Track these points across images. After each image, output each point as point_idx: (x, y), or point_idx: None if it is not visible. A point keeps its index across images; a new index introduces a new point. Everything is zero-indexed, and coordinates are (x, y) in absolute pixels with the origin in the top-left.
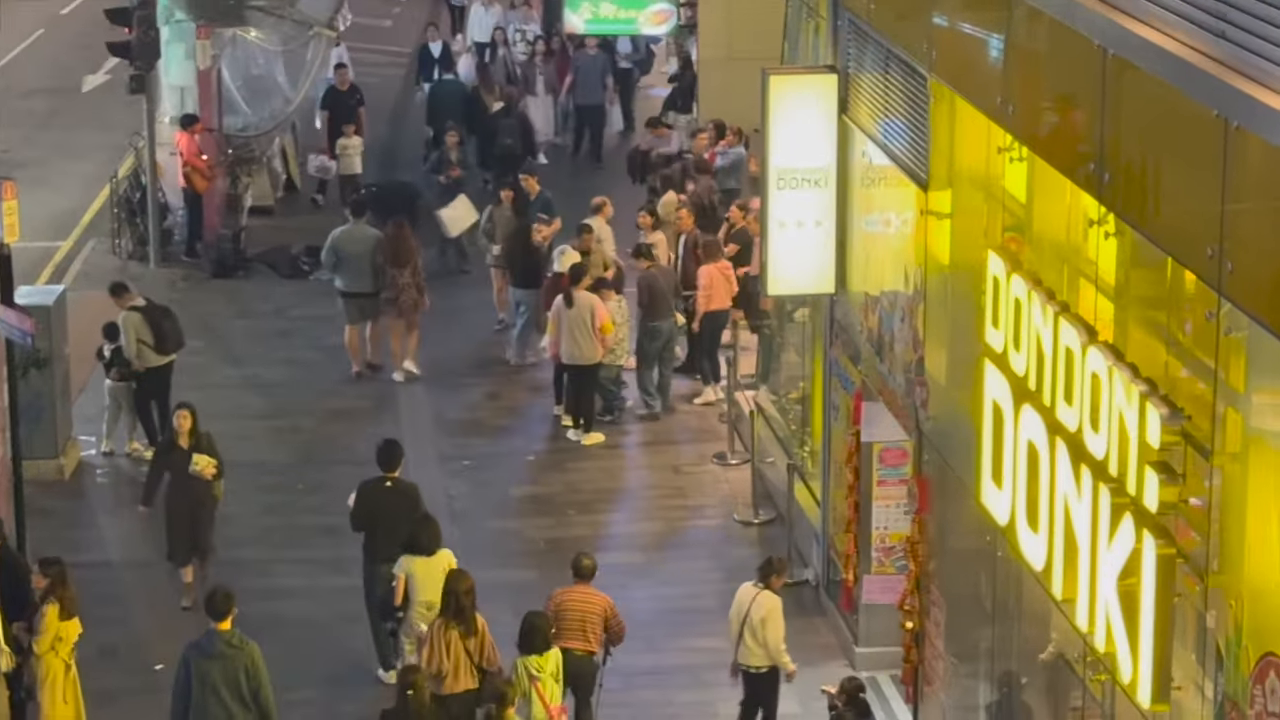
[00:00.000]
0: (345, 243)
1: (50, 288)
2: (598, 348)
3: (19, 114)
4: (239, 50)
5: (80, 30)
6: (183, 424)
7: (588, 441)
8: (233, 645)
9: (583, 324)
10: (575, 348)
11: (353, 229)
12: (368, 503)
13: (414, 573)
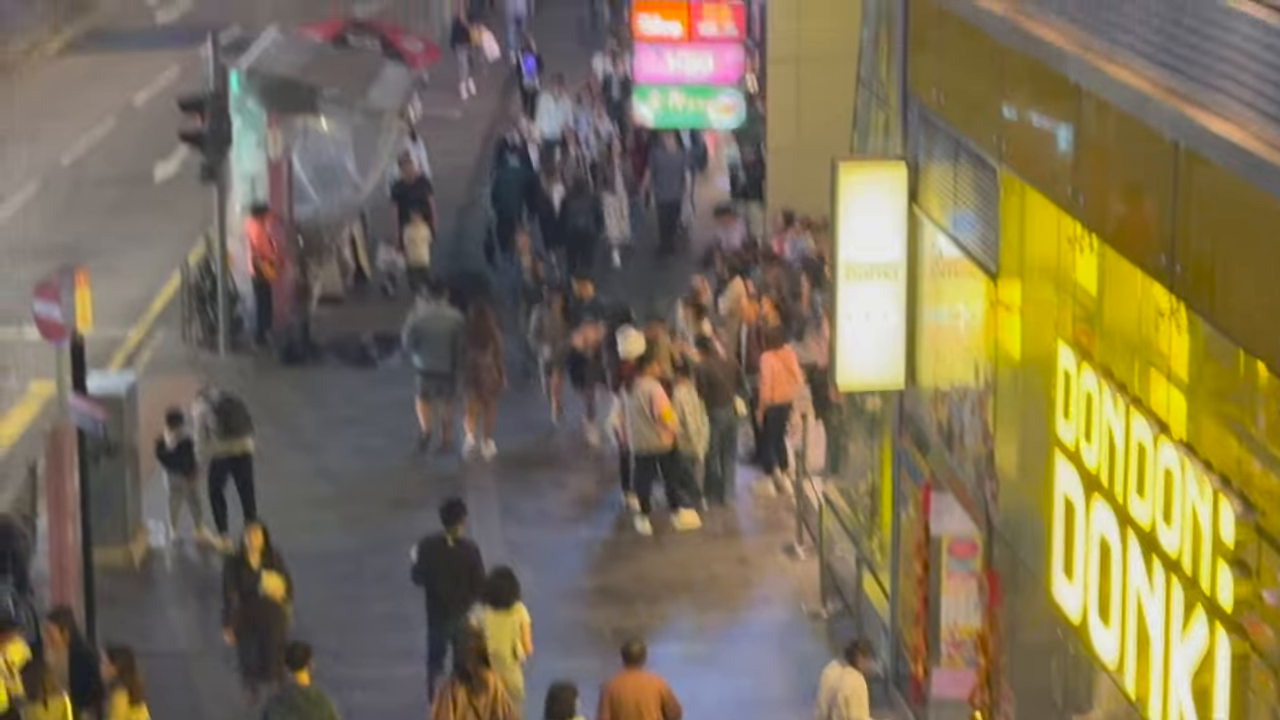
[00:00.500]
0: (426, 323)
1: (121, 376)
2: (661, 435)
3: (92, 202)
4: (310, 140)
5: (153, 119)
6: (254, 541)
7: (682, 525)
8: (309, 698)
9: (642, 412)
10: (639, 435)
11: (433, 309)
12: (428, 559)
13: (486, 623)
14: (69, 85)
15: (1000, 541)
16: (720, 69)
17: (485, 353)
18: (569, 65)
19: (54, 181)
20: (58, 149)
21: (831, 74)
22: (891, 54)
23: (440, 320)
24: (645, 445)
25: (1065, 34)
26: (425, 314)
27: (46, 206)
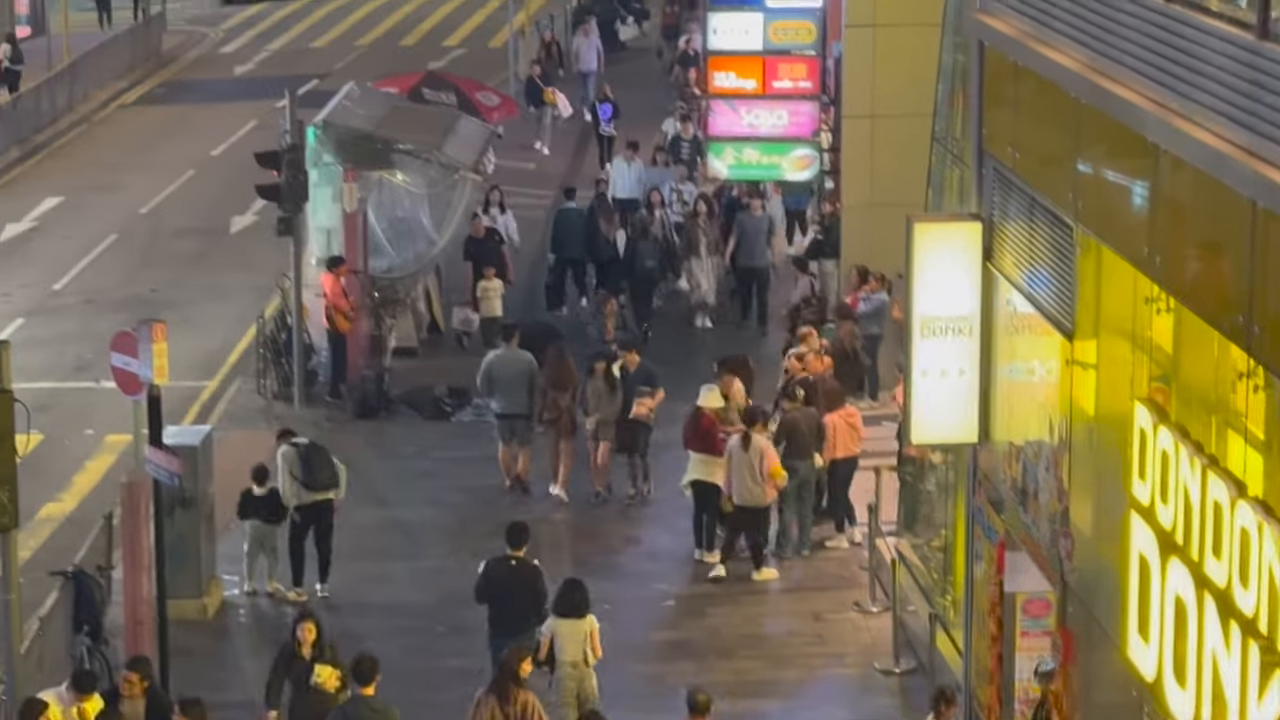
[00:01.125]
0: (500, 367)
1: (196, 428)
2: (767, 491)
3: (168, 254)
4: (385, 193)
5: (229, 173)
6: (306, 635)
7: (761, 579)
8: (375, 710)
9: (752, 468)
10: (745, 490)
11: (506, 353)
12: (493, 579)
13: (559, 633)
14: (147, 137)
15: (1075, 600)
16: (795, 123)
17: (565, 394)
18: (637, 119)
19: (131, 233)
20: (135, 200)
21: (906, 130)
22: (967, 110)
23: (513, 363)
24: (749, 499)
25: (1142, 91)
26: (498, 357)
27: (123, 258)
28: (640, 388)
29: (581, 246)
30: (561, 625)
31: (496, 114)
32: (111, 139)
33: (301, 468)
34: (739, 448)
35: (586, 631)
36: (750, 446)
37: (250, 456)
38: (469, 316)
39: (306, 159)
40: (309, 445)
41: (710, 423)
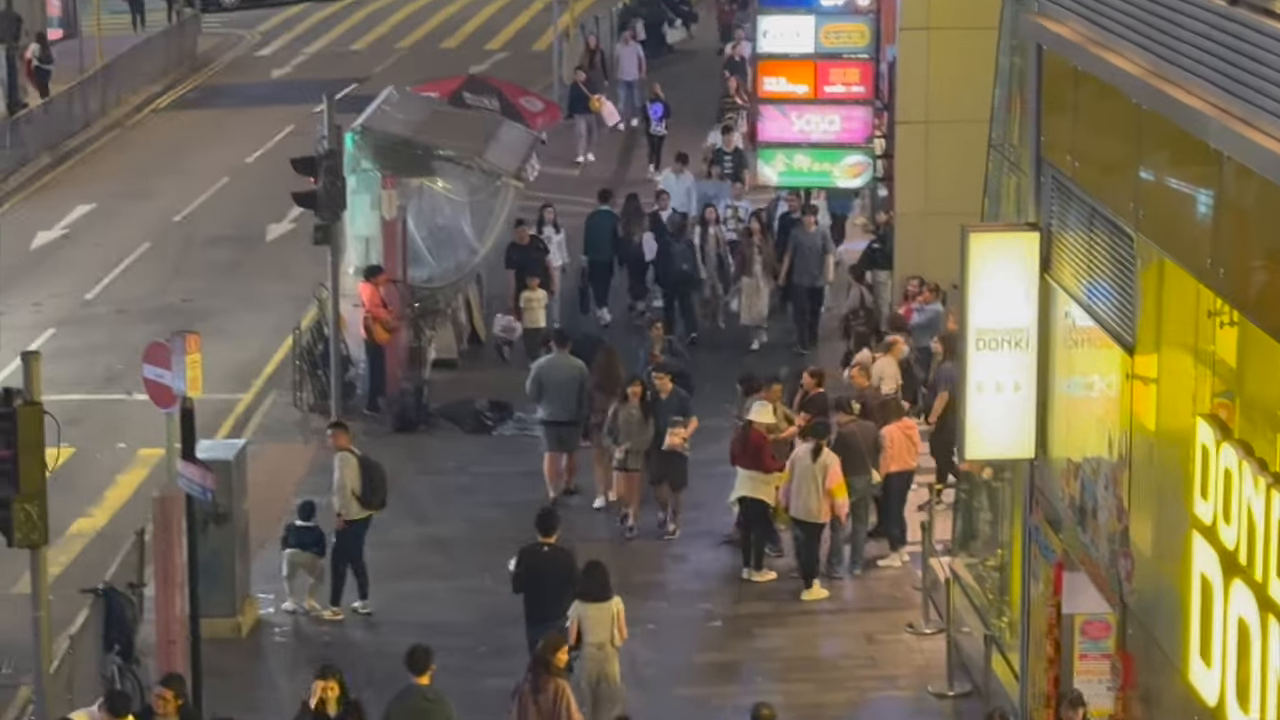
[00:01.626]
0: (549, 372)
1: (231, 442)
2: (824, 507)
3: (202, 263)
4: (425, 201)
5: (265, 179)
6: (329, 694)
7: (808, 597)
8: (429, 699)
9: (814, 480)
10: (805, 503)
11: (556, 358)
12: (526, 565)
13: (587, 617)
14: (180, 143)
15: (1134, 622)
16: (847, 129)
17: (613, 398)
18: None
19: (164, 241)
20: (168, 208)
21: (962, 136)
22: (1024, 117)
23: (564, 368)
24: (807, 514)
25: (1206, 96)
26: (548, 362)
27: (156, 267)
28: (673, 417)
29: (610, 250)
30: (589, 609)
31: (540, 120)
32: (144, 144)
33: (362, 483)
34: (807, 458)
35: (613, 613)
36: (819, 459)
37: (286, 471)
38: (511, 324)
39: (344, 165)
40: (368, 460)
41: (760, 438)
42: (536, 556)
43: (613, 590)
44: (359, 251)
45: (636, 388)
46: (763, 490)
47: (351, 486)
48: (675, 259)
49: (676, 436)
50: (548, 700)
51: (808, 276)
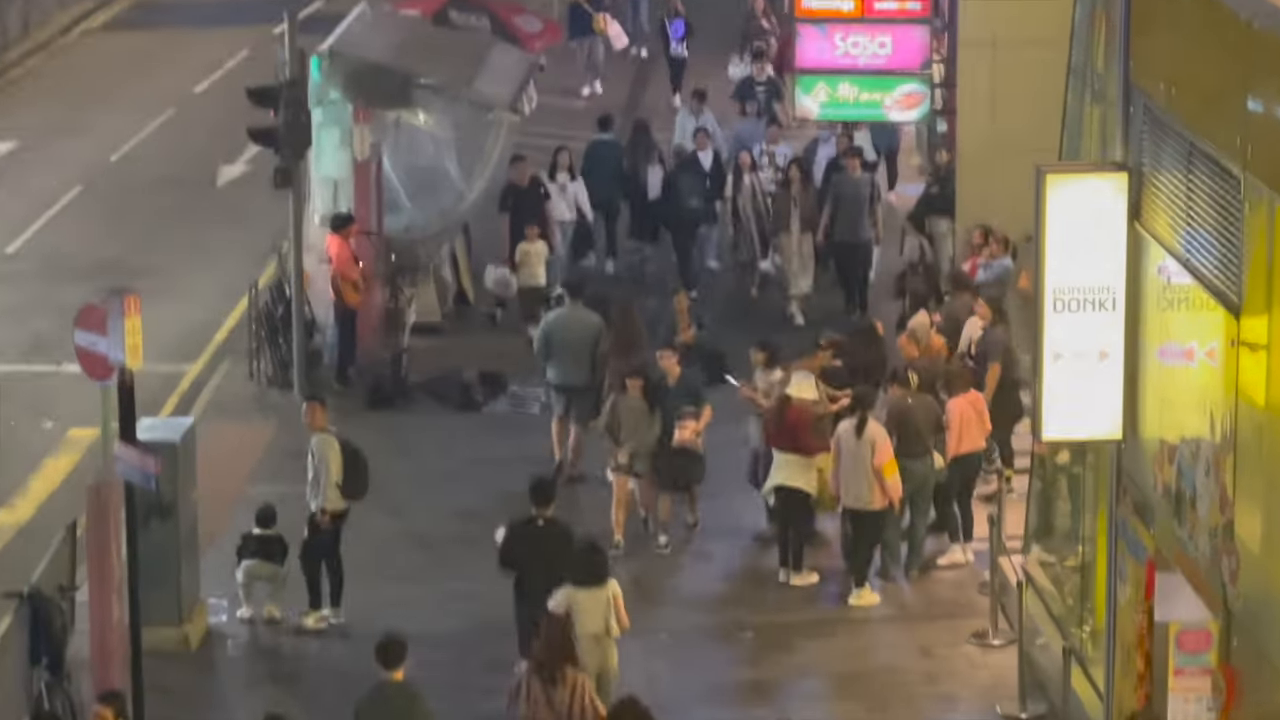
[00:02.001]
0: (560, 328)
1: (176, 420)
2: (876, 492)
3: (142, 211)
4: (404, 137)
5: (216, 112)
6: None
7: (857, 602)
8: (405, 696)
9: (863, 460)
10: (854, 489)
11: (569, 313)
12: (517, 541)
13: (577, 604)
14: (117, 69)
15: (1240, 631)
16: (900, 53)
17: (633, 360)
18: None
19: (99, 185)
20: (103, 146)
21: (1036, 61)
22: (1110, 38)
23: (577, 325)
24: (858, 501)
25: None
26: (558, 317)
27: (90, 215)
28: (684, 408)
29: (615, 186)
30: (580, 595)
31: (538, 42)
32: (73, 71)
33: (345, 469)
34: (850, 435)
35: (608, 599)
36: (866, 433)
37: (241, 454)
38: (505, 278)
39: (309, 96)
40: (348, 443)
41: (800, 416)
42: (527, 532)
43: (609, 572)
44: (326, 197)
45: (636, 380)
46: (802, 477)
47: (334, 475)
48: (683, 194)
49: (687, 430)
50: (564, 696)
51: (850, 231)
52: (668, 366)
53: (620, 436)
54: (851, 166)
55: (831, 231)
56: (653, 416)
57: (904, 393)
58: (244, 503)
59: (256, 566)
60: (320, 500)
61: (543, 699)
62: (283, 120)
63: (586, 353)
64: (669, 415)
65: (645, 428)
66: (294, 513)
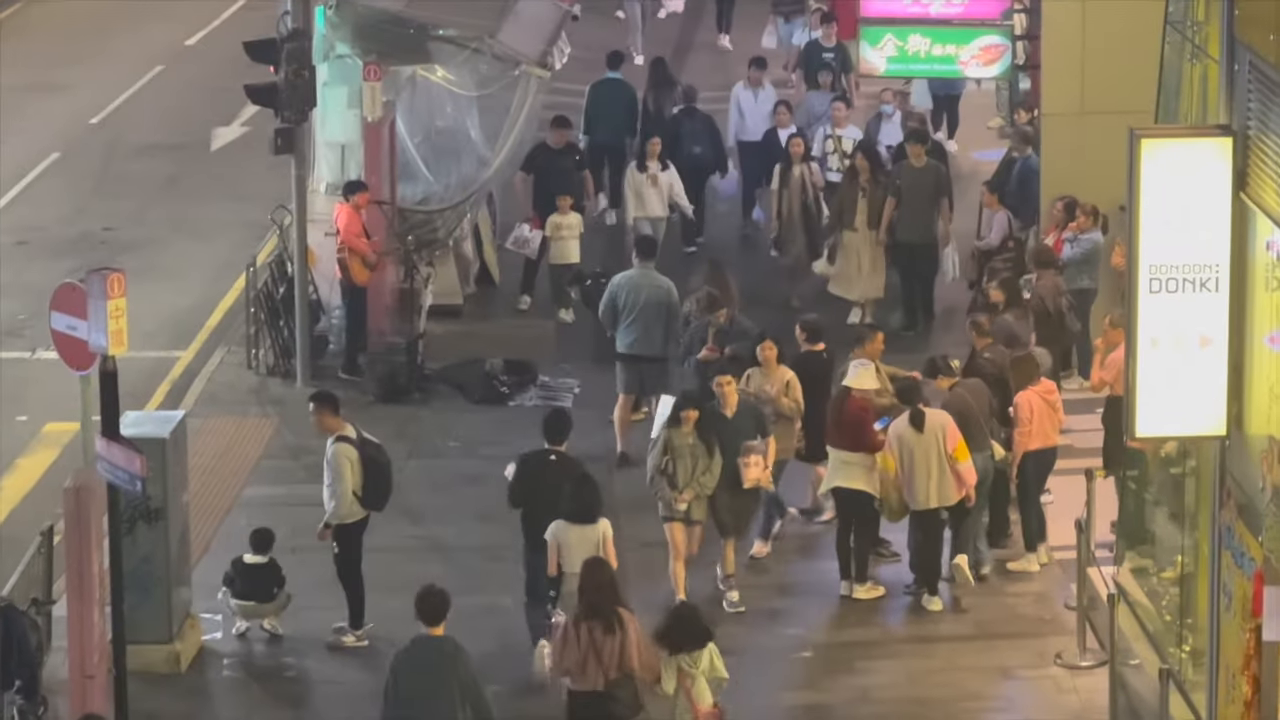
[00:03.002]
0: (630, 291)
1: (166, 414)
2: (954, 485)
3: (129, 179)
4: (420, 96)
5: (210, 68)
6: None
7: (932, 606)
8: (445, 654)
9: (936, 452)
10: (931, 485)
11: (639, 275)
12: (528, 477)
13: (566, 541)
14: (99, 20)
15: None
16: (978, 2)
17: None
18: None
19: (78, 151)
20: (83, 107)
21: (1131, 10)
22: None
23: (649, 287)
24: (941, 497)
25: None
26: (628, 279)
27: (69, 184)
28: (747, 444)
29: (622, 130)
30: (569, 532)
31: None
32: (50, 23)
33: (365, 476)
34: (909, 433)
35: (599, 539)
36: (927, 425)
37: (238, 451)
38: (525, 235)
39: (314, 51)
40: (368, 443)
41: (861, 409)
42: (540, 467)
43: (603, 510)
44: (332, 164)
45: (692, 411)
46: (865, 478)
47: (351, 484)
48: (684, 139)
49: (755, 467)
50: (616, 644)
51: (913, 230)
52: (725, 394)
53: (678, 480)
54: (915, 154)
55: (892, 229)
56: (711, 457)
57: (950, 382)
58: (242, 507)
59: (246, 608)
60: (335, 508)
61: (590, 648)
62: (284, 77)
63: (660, 319)
64: (729, 450)
65: (705, 468)
66: (297, 517)
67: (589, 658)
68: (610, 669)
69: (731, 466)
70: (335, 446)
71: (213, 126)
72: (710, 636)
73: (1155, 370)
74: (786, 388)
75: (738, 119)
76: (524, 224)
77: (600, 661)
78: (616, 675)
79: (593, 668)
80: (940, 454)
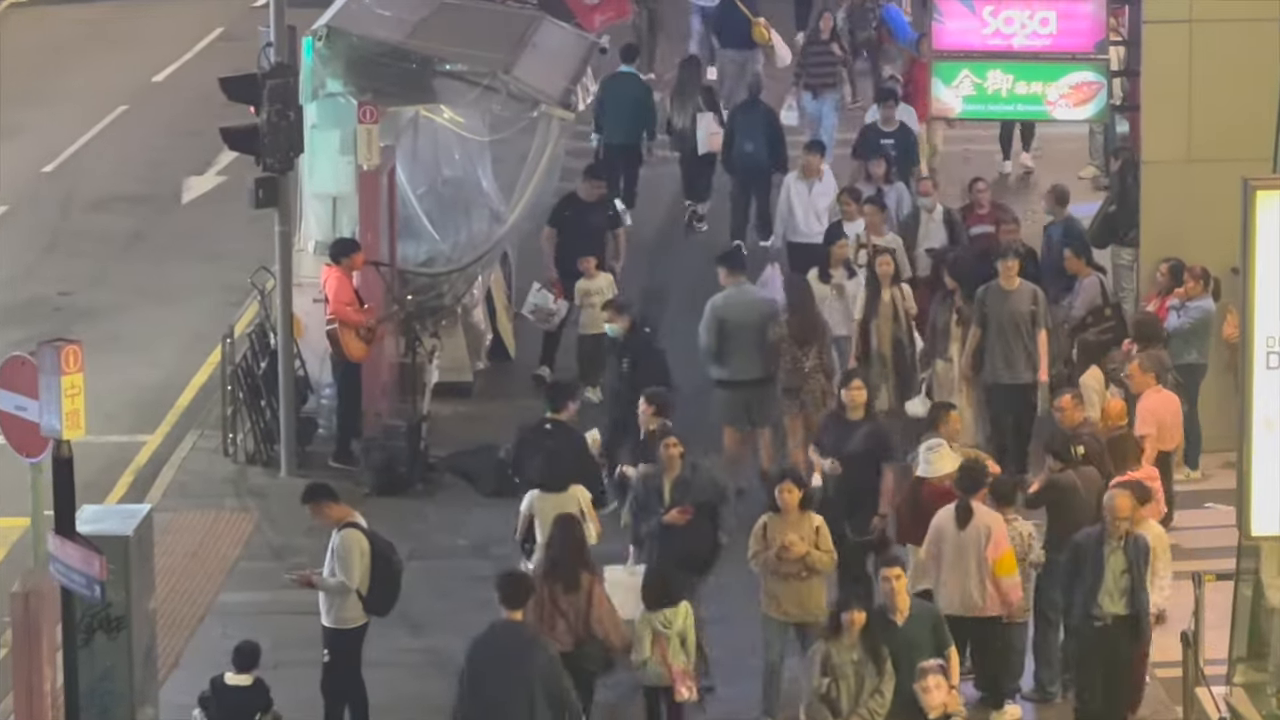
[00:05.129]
0: (734, 311)
1: (130, 508)
2: (992, 594)
3: (89, 234)
4: (424, 140)
5: (181, 108)
6: None
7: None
8: (524, 640)
9: (977, 554)
10: (961, 591)
11: (737, 294)
12: (525, 446)
13: (539, 509)
14: (54, 53)
15: None
16: (1068, 32)
17: (809, 351)
18: None
19: (28, 203)
20: (36, 153)
21: (1244, 42)
22: None
23: (748, 307)
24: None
25: None
26: (727, 299)
27: (18, 241)
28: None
29: (635, 127)
30: (542, 500)
31: (599, 15)
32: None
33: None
34: (951, 525)
35: (576, 506)
36: (974, 521)
37: (213, 551)
38: (548, 307)
39: (302, 88)
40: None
41: (939, 497)
42: (538, 437)
43: (574, 480)
44: (322, 219)
45: (859, 615)
46: None
47: (360, 581)
48: (738, 135)
49: (938, 691)
50: (580, 603)
51: (1009, 369)
52: (893, 590)
53: (841, 705)
54: (1007, 272)
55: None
56: (883, 674)
57: (1064, 465)
58: (216, 615)
59: None
60: (333, 613)
61: (552, 606)
62: (266, 119)
63: (760, 342)
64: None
65: (874, 688)
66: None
67: (555, 617)
68: (578, 629)
69: (906, 689)
70: (344, 533)
71: (184, 176)
72: (685, 596)
73: (1272, 457)
74: (816, 536)
75: (787, 214)
76: (545, 289)
77: (568, 621)
78: (585, 635)
79: (561, 627)
80: (979, 558)
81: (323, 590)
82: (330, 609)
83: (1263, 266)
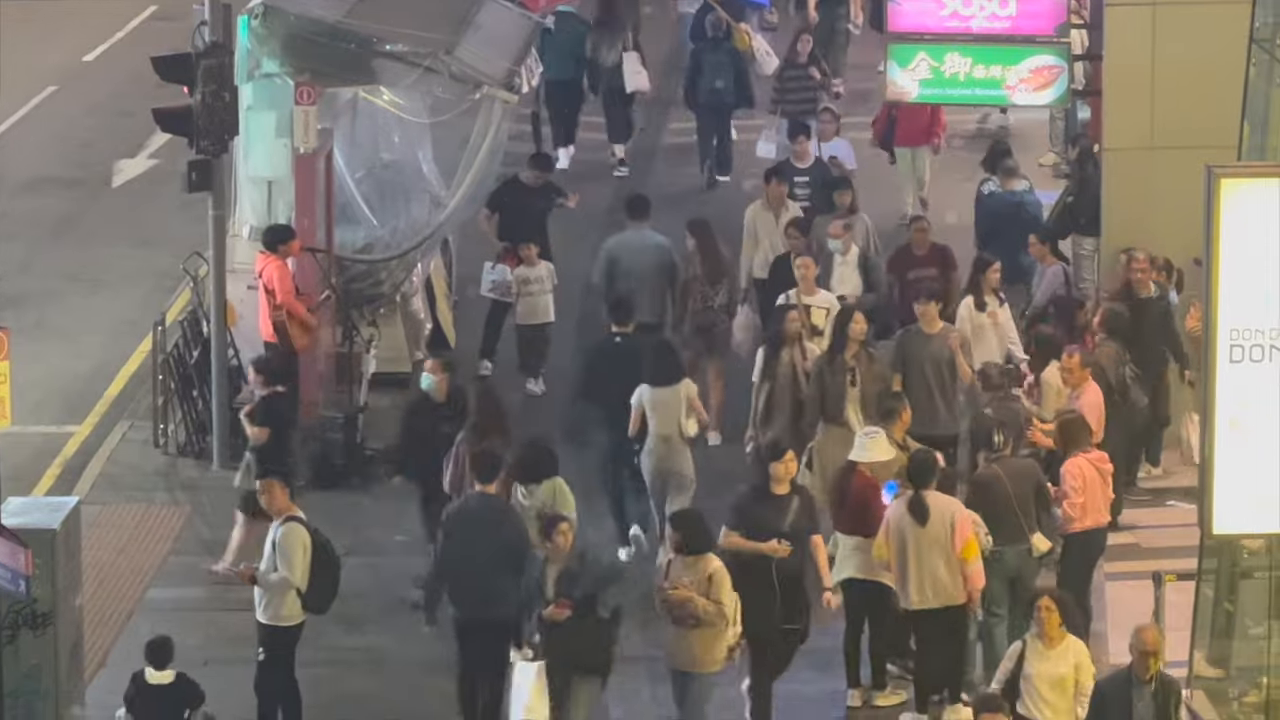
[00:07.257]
0: (627, 253)
1: (56, 500)
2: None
3: (16, 219)
4: (363, 122)
5: (112, 89)
6: None
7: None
8: (496, 510)
9: (940, 545)
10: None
11: (634, 236)
12: (597, 364)
13: (650, 403)
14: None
15: None
16: (1027, 13)
17: (717, 290)
18: None
19: None
20: None
21: (1207, 24)
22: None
23: (645, 249)
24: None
25: None
26: (621, 241)
27: None
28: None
29: (574, 65)
30: (654, 394)
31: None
32: None
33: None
34: (906, 517)
35: (682, 399)
36: (931, 513)
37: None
38: (505, 280)
39: (236, 69)
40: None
41: (868, 488)
42: (607, 352)
43: (684, 372)
44: (258, 203)
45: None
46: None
47: (297, 578)
48: (706, 73)
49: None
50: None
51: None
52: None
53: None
54: (925, 316)
55: None
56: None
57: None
58: (146, 611)
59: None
60: (270, 609)
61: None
62: (200, 100)
63: (655, 283)
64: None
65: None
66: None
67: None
68: None
69: None
70: (287, 527)
71: (115, 158)
72: (553, 472)
73: (1236, 455)
74: (708, 583)
75: (752, 248)
76: (498, 264)
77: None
78: None
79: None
80: (946, 551)
81: (263, 586)
82: (267, 605)
83: (1226, 256)
